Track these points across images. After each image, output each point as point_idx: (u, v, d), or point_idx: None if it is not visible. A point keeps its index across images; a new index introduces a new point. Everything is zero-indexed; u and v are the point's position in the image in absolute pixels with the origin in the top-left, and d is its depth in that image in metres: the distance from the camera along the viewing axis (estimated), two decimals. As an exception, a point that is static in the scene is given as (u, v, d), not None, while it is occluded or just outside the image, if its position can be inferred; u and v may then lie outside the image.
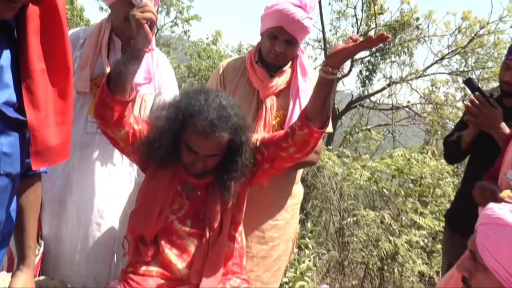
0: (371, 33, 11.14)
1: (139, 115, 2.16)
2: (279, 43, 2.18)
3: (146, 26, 1.64)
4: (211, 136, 1.68)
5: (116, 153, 2.15)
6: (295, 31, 2.16)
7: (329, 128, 2.36)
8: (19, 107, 1.16)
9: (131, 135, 1.79)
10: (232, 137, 1.74)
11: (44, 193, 2.10)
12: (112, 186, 2.15)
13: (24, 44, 1.16)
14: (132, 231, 1.85)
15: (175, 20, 16.42)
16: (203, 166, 1.76)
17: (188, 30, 16.61)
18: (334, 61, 1.72)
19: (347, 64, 11.44)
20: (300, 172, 2.45)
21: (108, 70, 2.08)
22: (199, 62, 16.02)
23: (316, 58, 11.97)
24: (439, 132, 7.31)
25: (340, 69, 1.77)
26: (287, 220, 2.33)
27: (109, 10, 2.22)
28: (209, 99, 1.73)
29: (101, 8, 13.97)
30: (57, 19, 1.18)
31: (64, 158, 1.29)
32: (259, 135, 1.89)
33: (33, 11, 1.16)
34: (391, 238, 3.66)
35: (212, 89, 1.83)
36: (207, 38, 16.34)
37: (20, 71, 1.16)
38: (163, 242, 1.79)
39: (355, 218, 3.88)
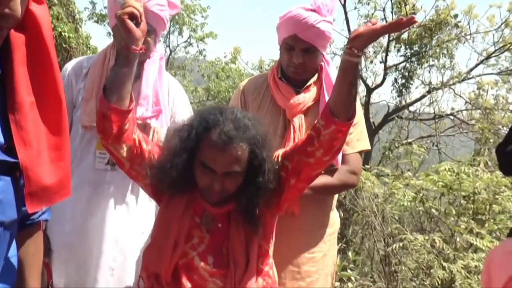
0: (405, 35, 11.16)
1: None
2: (296, 53, 2.17)
3: (129, 22, 1.67)
4: (228, 148, 1.67)
5: (132, 190, 2.17)
6: (311, 37, 2.14)
7: (366, 145, 2.34)
8: (7, 147, 1.16)
9: (135, 153, 1.78)
10: (251, 150, 1.71)
11: (53, 237, 2.14)
12: (127, 226, 2.16)
13: (10, 76, 1.16)
14: (146, 269, 1.83)
15: (189, 40, 16.72)
16: (221, 187, 1.71)
17: (204, 49, 16.90)
18: (359, 42, 1.69)
19: (380, 73, 11.41)
20: (336, 197, 2.41)
21: None
22: (218, 83, 16.22)
23: (344, 69, 11.95)
24: (491, 140, 7.15)
25: (365, 52, 1.74)
26: (325, 251, 2.28)
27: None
28: (224, 113, 1.73)
29: (109, 34, 14.36)
30: (43, 47, 1.19)
31: (65, 196, 1.28)
32: (279, 151, 1.85)
33: (18, 39, 1.17)
34: (444, 264, 3.55)
35: (227, 107, 1.84)
36: (224, 57, 16.60)
37: (7, 106, 1.16)
38: (184, 280, 1.77)
39: (401, 244, 3.79)
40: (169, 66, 16.13)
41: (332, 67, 2.29)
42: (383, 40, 11.46)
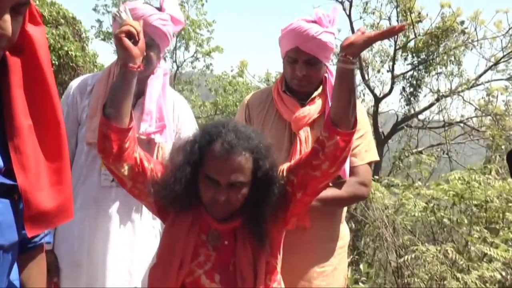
0: (411, 44, 11.15)
1: None
2: (299, 66, 2.17)
3: (125, 40, 1.69)
4: (231, 156, 1.66)
5: (136, 208, 2.16)
6: (313, 49, 2.14)
7: (375, 156, 2.33)
8: (6, 170, 1.16)
9: (136, 172, 1.77)
10: (255, 159, 1.71)
11: (61, 256, 2.13)
12: (132, 243, 2.15)
13: (7, 100, 1.17)
14: None
15: (195, 55, 16.83)
16: (226, 198, 1.69)
17: (211, 64, 17.02)
18: (353, 49, 1.71)
19: (388, 82, 11.40)
20: (345, 210, 2.39)
21: None
22: (226, 97, 16.28)
23: (352, 79, 11.95)
24: (502, 147, 7.08)
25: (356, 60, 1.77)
26: (335, 265, 2.26)
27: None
28: (226, 125, 1.74)
29: (115, 51, 14.48)
30: (40, 69, 1.19)
31: (66, 220, 1.28)
32: (283, 165, 1.84)
33: (15, 62, 1.17)
34: (458, 275, 3.50)
35: (230, 120, 1.84)
36: (231, 71, 16.67)
37: (5, 130, 1.16)
38: None
39: (413, 255, 3.74)
40: (176, 81, 16.22)
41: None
42: (390, 49, 11.49)
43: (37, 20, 1.23)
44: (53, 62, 9.01)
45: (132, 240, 2.15)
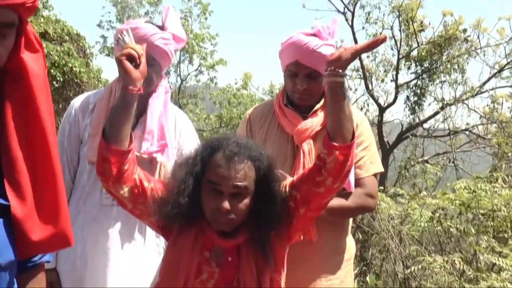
0: (414, 53, 11.16)
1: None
2: (300, 80, 2.16)
3: (126, 63, 1.69)
4: (234, 164, 1.68)
5: (139, 226, 2.15)
6: (313, 62, 2.13)
7: (380, 168, 2.31)
8: (1, 191, 1.17)
9: (136, 193, 1.77)
10: (257, 168, 1.72)
11: (64, 275, 2.13)
12: (134, 261, 2.15)
13: (3, 131, 1.18)
14: None
15: (199, 68, 16.87)
16: (229, 207, 1.69)
17: (215, 77, 17.02)
18: (341, 63, 1.72)
19: (392, 92, 11.39)
20: (350, 223, 2.38)
21: None
22: (230, 110, 16.29)
23: (356, 90, 11.98)
24: (509, 154, 7.04)
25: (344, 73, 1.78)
26: (342, 278, 2.24)
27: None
28: (227, 137, 1.77)
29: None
30: (33, 100, 1.20)
31: (63, 247, 1.29)
32: (286, 181, 1.84)
33: (10, 90, 1.19)
34: (467, 286, 3.47)
35: (231, 134, 1.86)
36: (235, 83, 16.69)
37: (1, 159, 1.18)
38: None
39: (420, 266, 3.71)
40: (180, 95, 16.27)
41: None
42: (393, 58, 11.49)
43: (35, 46, 1.25)
44: (58, 78, 9.09)
45: (133, 258, 2.15)
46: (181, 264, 1.74)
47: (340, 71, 1.72)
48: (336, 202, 2.07)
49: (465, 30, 10.79)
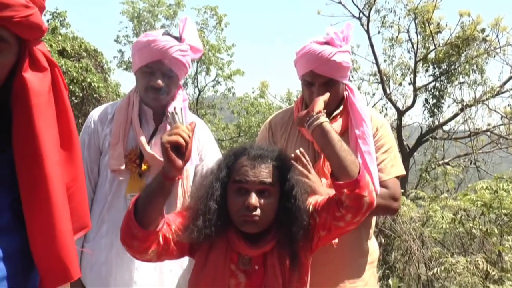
0: (431, 55, 11.07)
1: (181, 187, 2.21)
2: (316, 89, 2.16)
3: (171, 153, 1.57)
4: (258, 163, 1.75)
5: None
6: (328, 71, 2.14)
7: (401, 171, 2.29)
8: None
9: (161, 250, 1.75)
10: (280, 169, 1.78)
11: (88, 283, 2.15)
12: (161, 269, 2.17)
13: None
14: None
15: (216, 78, 16.98)
16: (256, 203, 1.71)
17: (232, 87, 17.10)
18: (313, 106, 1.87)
19: (410, 95, 11.31)
20: (373, 226, 2.39)
21: (143, 141, 2.16)
22: (248, 119, 16.35)
23: (374, 94, 11.94)
24: (532, 153, 6.95)
25: (323, 112, 1.86)
26: (366, 281, 2.25)
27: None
28: (250, 144, 1.84)
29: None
30: (29, 118, 1.23)
31: (61, 282, 1.30)
32: (311, 199, 1.85)
33: (15, 113, 1.24)
34: (491, 286, 3.43)
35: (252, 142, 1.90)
36: (253, 92, 16.75)
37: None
38: None
39: (442, 268, 3.68)
40: (199, 105, 16.37)
41: (356, 94, 2.27)
42: (410, 61, 11.43)
43: (41, 65, 1.26)
44: (77, 94, 9.24)
45: (160, 265, 2.15)
46: (216, 282, 1.76)
47: (314, 113, 1.82)
48: None
49: (483, 30, 10.68)
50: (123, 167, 2.17)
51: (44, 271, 1.25)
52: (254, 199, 1.72)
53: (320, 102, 1.91)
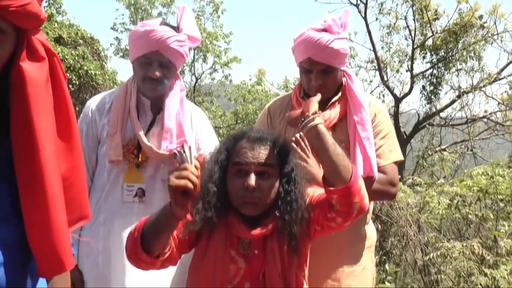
0: (429, 42, 11.05)
1: None
2: (314, 76, 2.17)
3: (178, 196, 1.50)
4: (258, 144, 1.77)
5: None
6: (326, 58, 2.14)
7: (399, 156, 2.30)
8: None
9: (166, 259, 1.74)
10: (280, 150, 1.79)
11: (86, 270, 2.17)
12: None
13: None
14: None
15: (213, 66, 16.94)
16: (256, 184, 1.72)
17: (229, 74, 17.07)
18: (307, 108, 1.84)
19: (407, 82, 11.31)
20: (370, 211, 2.40)
21: (141, 133, 2.17)
22: (245, 106, 16.36)
23: (371, 81, 11.94)
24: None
25: (318, 113, 1.83)
26: (364, 265, 2.27)
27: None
28: (249, 129, 1.85)
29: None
30: (26, 107, 1.23)
31: (54, 273, 1.32)
32: (309, 190, 1.85)
33: (13, 103, 1.25)
34: (486, 270, 3.46)
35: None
36: (250, 79, 16.73)
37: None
38: None
39: (439, 253, 3.71)
40: (196, 93, 16.35)
41: (355, 80, 2.28)
42: (408, 48, 11.42)
43: (39, 55, 1.26)
44: (74, 81, 9.23)
45: None
46: (217, 268, 1.77)
47: (309, 113, 1.80)
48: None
49: (481, 17, 10.67)
50: (120, 157, 2.17)
51: (40, 262, 1.26)
52: (253, 180, 1.73)
53: (314, 103, 1.88)
